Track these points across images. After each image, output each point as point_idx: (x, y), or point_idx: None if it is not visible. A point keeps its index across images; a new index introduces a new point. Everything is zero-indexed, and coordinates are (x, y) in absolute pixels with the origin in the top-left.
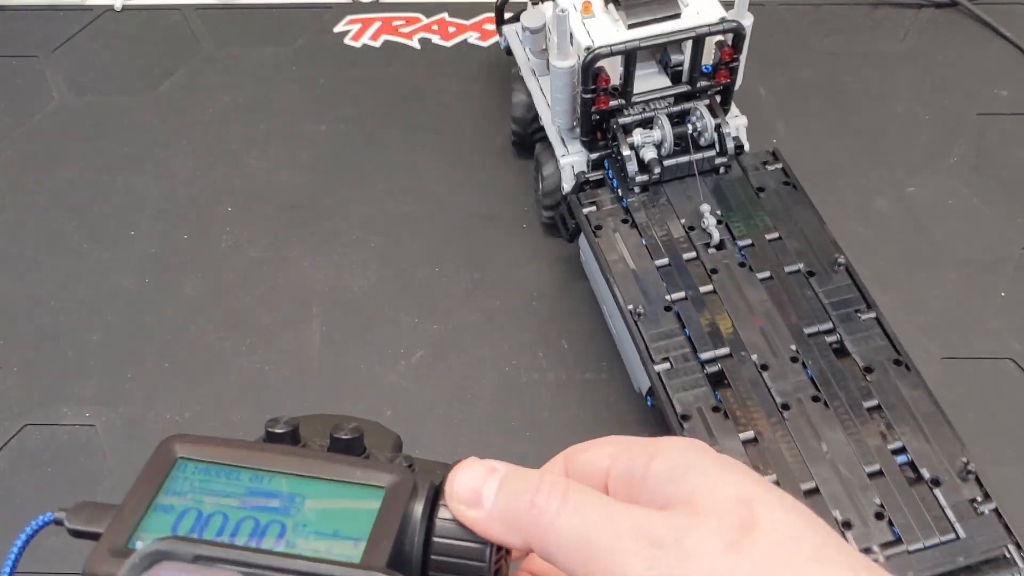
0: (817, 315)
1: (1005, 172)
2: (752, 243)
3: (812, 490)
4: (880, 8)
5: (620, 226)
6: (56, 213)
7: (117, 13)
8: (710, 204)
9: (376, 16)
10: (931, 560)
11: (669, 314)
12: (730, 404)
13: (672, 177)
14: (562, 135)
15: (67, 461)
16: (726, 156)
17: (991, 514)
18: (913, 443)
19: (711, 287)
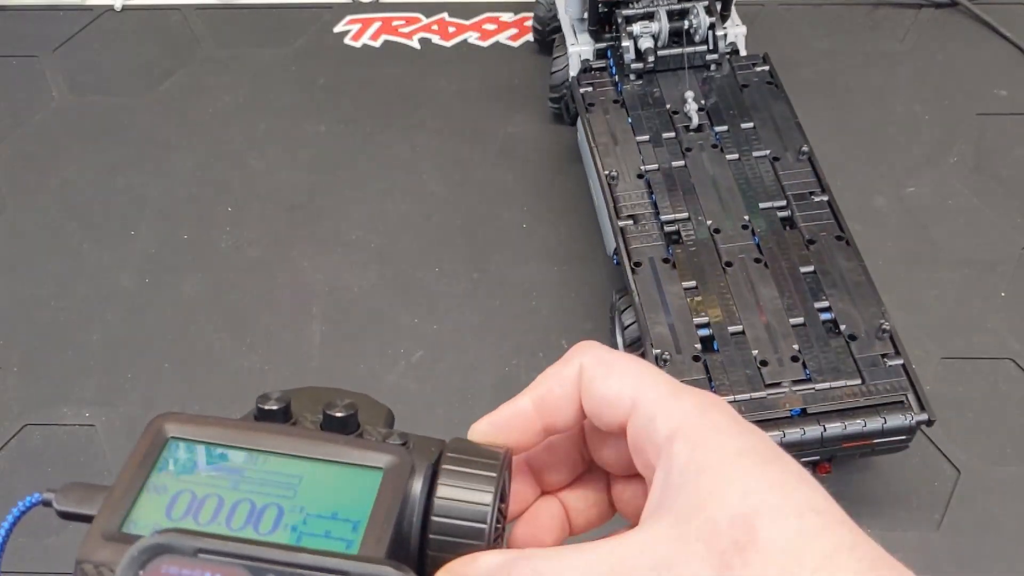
0: (773, 193)
1: (1005, 172)
2: (727, 130)
3: (738, 332)
4: (880, 8)
5: (611, 106)
6: (56, 213)
7: (117, 13)
8: (695, 93)
9: (376, 16)
10: (835, 397)
11: (640, 181)
12: (679, 258)
13: (666, 68)
14: (573, 25)
15: (67, 461)
16: (717, 54)
17: (897, 367)
18: (838, 304)
19: (683, 163)
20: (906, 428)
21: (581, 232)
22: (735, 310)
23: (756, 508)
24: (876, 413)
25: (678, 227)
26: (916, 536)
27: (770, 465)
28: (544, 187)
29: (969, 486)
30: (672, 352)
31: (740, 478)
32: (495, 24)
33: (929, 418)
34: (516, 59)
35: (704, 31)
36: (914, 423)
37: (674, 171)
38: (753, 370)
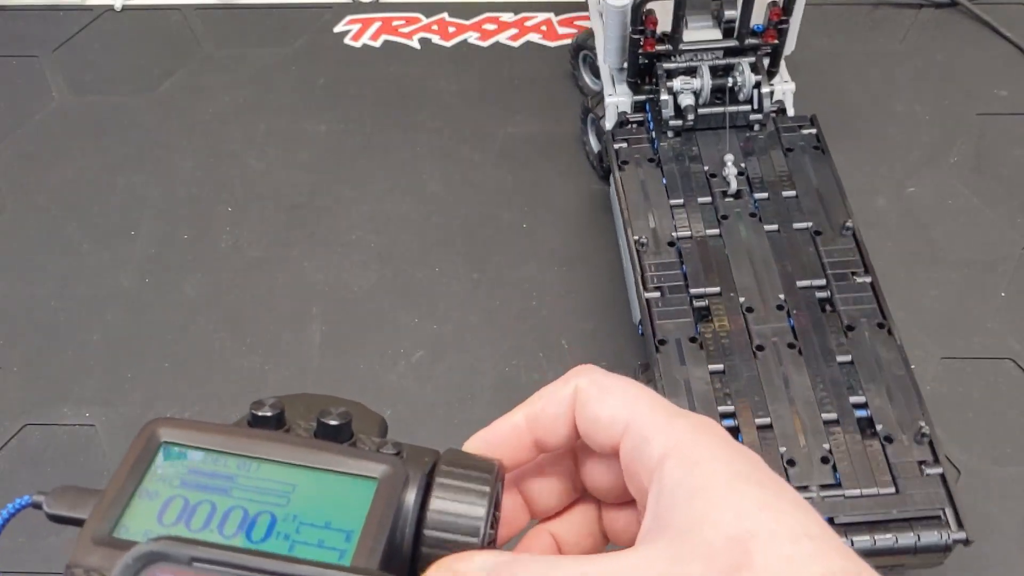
0: (813, 270)
1: (1005, 172)
2: (768, 197)
3: (766, 426)
4: (880, 8)
5: (646, 164)
6: (56, 213)
7: (117, 13)
8: (735, 155)
9: (376, 16)
10: (865, 507)
11: (671, 249)
12: (707, 338)
13: (706, 127)
14: (612, 75)
15: (67, 461)
16: (761, 113)
17: (935, 477)
18: (875, 401)
19: (718, 231)
20: (940, 547)
21: (582, 232)
22: (765, 401)
23: (751, 531)
24: (909, 528)
25: (708, 302)
26: None
27: (764, 488)
28: (544, 187)
29: (969, 486)
30: None
31: (734, 501)
32: (495, 24)
33: (967, 538)
34: (516, 59)
35: (749, 90)
36: (950, 542)
37: (708, 240)
38: (779, 470)
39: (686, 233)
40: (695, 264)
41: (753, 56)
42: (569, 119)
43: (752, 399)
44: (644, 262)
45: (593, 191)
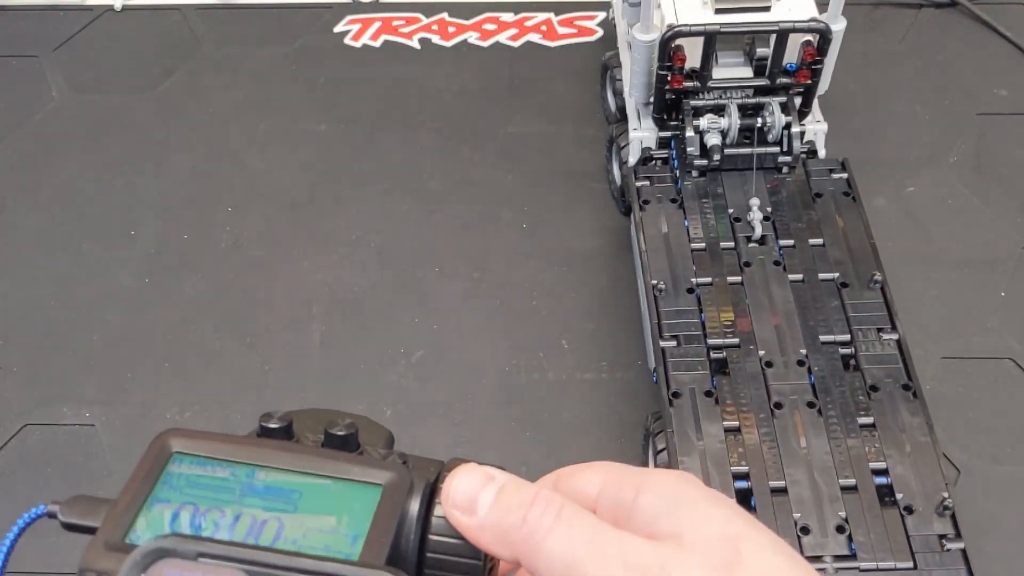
0: (837, 325)
1: (1005, 172)
2: (793, 244)
3: (780, 489)
4: (880, 8)
5: (668, 205)
6: (56, 213)
7: (117, 13)
8: (761, 199)
9: (376, 16)
10: None
11: (690, 296)
12: (723, 392)
13: (732, 168)
14: (639, 109)
15: (67, 461)
16: (791, 156)
17: (957, 552)
18: (897, 468)
19: (740, 279)
20: None
21: (582, 233)
22: (781, 463)
23: (739, 534)
24: None
25: (726, 354)
26: None
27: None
28: (544, 187)
29: (969, 486)
30: None
31: (716, 511)
32: (495, 24)
33: None
34: (516, 59)
35: (778, 131)
36: None
37: (728, 288)
38: (792, 538)
39: (706, 280)
40: (714, 312)
41: (784, 96)
42: (569, 119)
43: (767, 461)
44: (661, 308)
45: (593, 191)
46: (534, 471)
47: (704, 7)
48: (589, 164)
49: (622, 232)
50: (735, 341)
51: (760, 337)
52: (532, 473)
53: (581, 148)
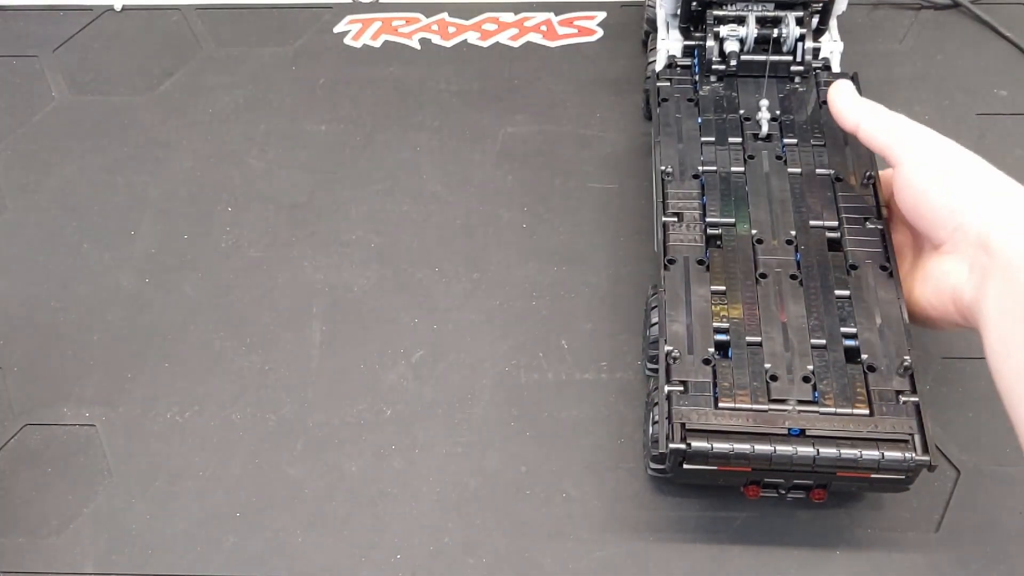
0: (827, 213)
1: (1005, 172)
2: (796, 143)
3: (755, 343)
4: (880, 8)
5: (685, 103)
6: (56, 213)
7: (117, 13)
8: (771, 102)
9: (376, 16)
10: (837, 423)
11: (695, 181)
12: (715, 261)
13: (748, 75)
14: (668, 20)
15: (67, 461)
16: (802, 66)
17: (910, 406)
18: (865, 334)
19: (742, 169)
20: (904, 467)
21: (581, 232)
22: (759, 322)
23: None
24: (875, 447)
25: (721, 231)
26: (916, 536)
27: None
28: (544, 187)
29: (969, 486)
30: (683, 351)
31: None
32: (495, 24)
33: (931, 463)
34: (516, 59)
35: (792, 42)
36: (913, 463)
37: (731, 176)
38: (761, 383)
39: (712, 168)
40: (715, 196)
41: (802, 11)
42: (569, 119)
43: (746, 319)
44: (667, 190)
45: (593, 191)
46: (534, 471)
47: None
48: (589, 164)
49: (622, 231)
50: (731, 220)
51: (754, 218)
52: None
53: (581, 148)
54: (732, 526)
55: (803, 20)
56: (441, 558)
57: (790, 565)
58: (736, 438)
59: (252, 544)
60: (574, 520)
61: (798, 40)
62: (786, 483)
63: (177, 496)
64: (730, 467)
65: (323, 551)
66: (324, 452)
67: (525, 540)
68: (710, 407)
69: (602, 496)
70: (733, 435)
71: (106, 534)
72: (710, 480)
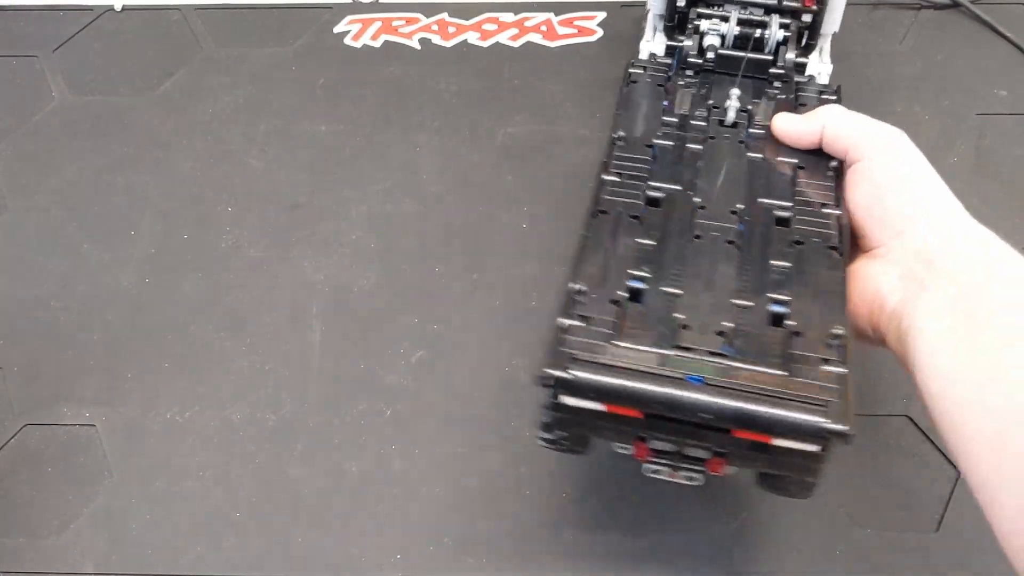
0: (781, 193)
1: (1005, 172)
2: (763, 134)
3: (674, 293)
4: (880, 8)
5: (654, 88)
6: (56, 213)
7: (117, 13)
8: (744, 96)
9: (376, 16)
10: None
11: (647, 149)
12: (649, 218)
13: (726, 72)
14: (655, 23)
15: (67, 461)
16: (782, 69)
17: (835, 375)
18: (798, 304)
19: (700, 147)
20: (814, 431)
21: None
22: (681, 275)
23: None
24: (784, 407)
25: (664, 194)
26: (915, 536)
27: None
28: (544, 187)
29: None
30: (592, 288)
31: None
32: (495, 24)
33: (847, 431)
34: (516, 59)
35: (773, 44)
36: (824, 429)
37: (687, 151)
38: (668, 329)
39: (668, 143)
40: (665, 164)
41: (789, 19)
42: (569, 119)
43: (669, 270)
44: (615, 153)
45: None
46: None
47: None
48: (589, 164)
49: None
50: (677, 187)
51: (701, 187)
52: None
53: (581, 148)
54: (731, 526)
55: (788, 26)
56: (441, 558)
57: (790, 565)
58: (628, 375)
59: (252, 544)
60: (574, 520)
61: (780, 44)
62: (678, 446)
63: (177, 496)
64: (618, 409)
65: (323, 551)
66: (324, 452)
67: (525, 540)
68: (607, 343)
69: (602, 496)
70: (625, 372)
71: (106, 534)
72: (595, 431)
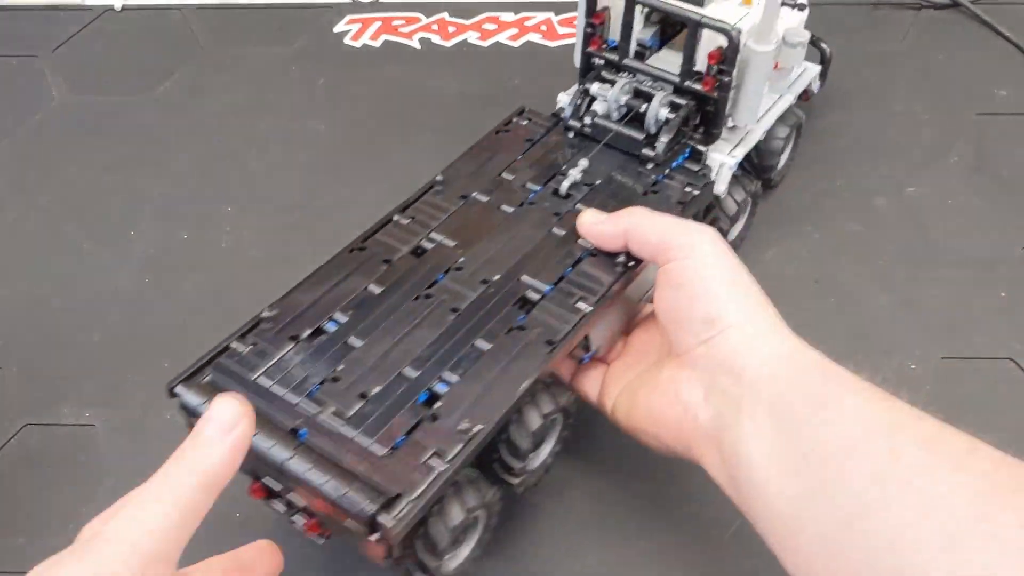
0: (546, 276)
1: (1005, 172)
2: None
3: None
4: (880, 8)
5: (519, 141)
6: (56, 213)
7: (117, 13)
8: (593, 169)
9: (376, 16)
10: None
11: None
12: (397, 265)
13: (604, 143)
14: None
15: (67, 461)
16: (654, 152)
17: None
18: (458, 389)
19: (511, 210)
20: (357, 513)
21: None
22: (375, 328)
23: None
24: (349, 483)
25: (434, 247)
26: None
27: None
28: None
29: None
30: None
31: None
32: (495, 24)
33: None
34: (516, 59)
35: (653, 124)
36: (365, 515)
37: (493, 212)
38: (317, 377)
39: (484, 198)
40: (458, 218)
41: (684, 100)
42: None
43: (370, 322)
44: (426, 195)
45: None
46: None
47: None
48: None
49: None
50: (451, 243)
51: (474, 251)
52: None
53: None
54: (732, 527)
55: (676, 105)
56: None
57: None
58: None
59: None
60: (574, 519)
61: (662, 125)
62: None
63: None
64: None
65: (323, 551)
66: None
67: (525, 540)
68: (249, 372)
69: (600, 496)
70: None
71: None
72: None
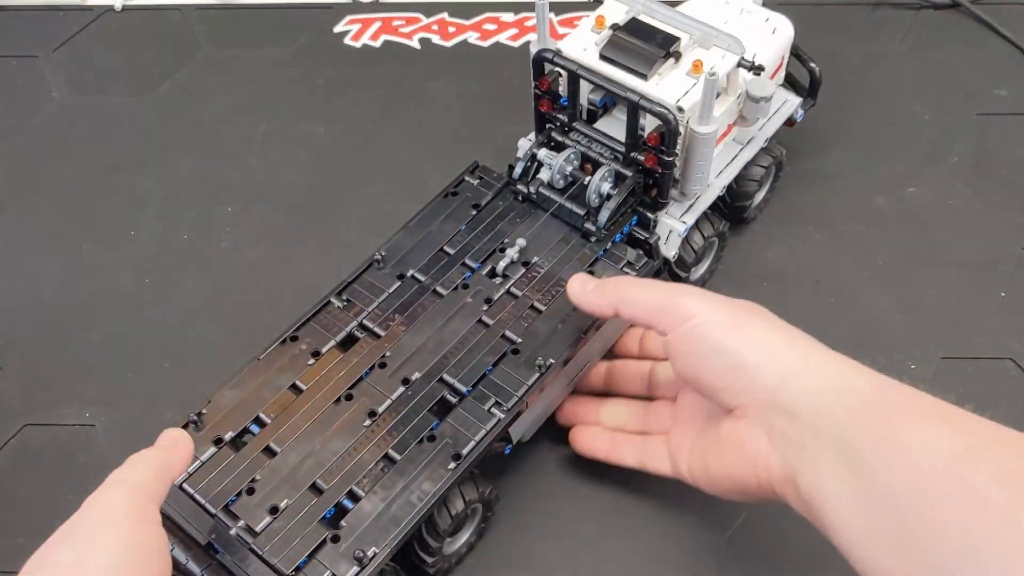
0: (468, 377)
1: (1005, 172)
2: (519, 296)
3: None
4: (880, 8)
5: (465, 208)
6: (56, 213)
7: (117, 13)
8: (534, 244)
9: (376, 16)
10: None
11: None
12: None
13: (547, 211)
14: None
15: (67, 461)
16: (594, 227)
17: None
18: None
19: (445, 293)
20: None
21: None
22: (298, 432)
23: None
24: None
25: (364, 337)
26: None
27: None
28: None
29: None
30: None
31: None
32: (495, 24)
33: None
34: (516, 59)
35: (595, 197)
36: None
37: (428, 296)
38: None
39: (422, 277)
40: (392, 304)
41: (630, 171)
42: None
43: (292, 424)
44: (364, 274)
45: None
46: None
47: (592, 47)
48: None
49: None
50: (381, 333)
51: (403, 343)
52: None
53: None
54: (732, 526)
55: (620, 178)
56: None
57: (790, 565)
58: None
59: None
60: (574, 519)
61: (604, 200)
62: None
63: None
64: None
65: None
66: None
67: (524, 539)
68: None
69: (600, 496)
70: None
71: None
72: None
